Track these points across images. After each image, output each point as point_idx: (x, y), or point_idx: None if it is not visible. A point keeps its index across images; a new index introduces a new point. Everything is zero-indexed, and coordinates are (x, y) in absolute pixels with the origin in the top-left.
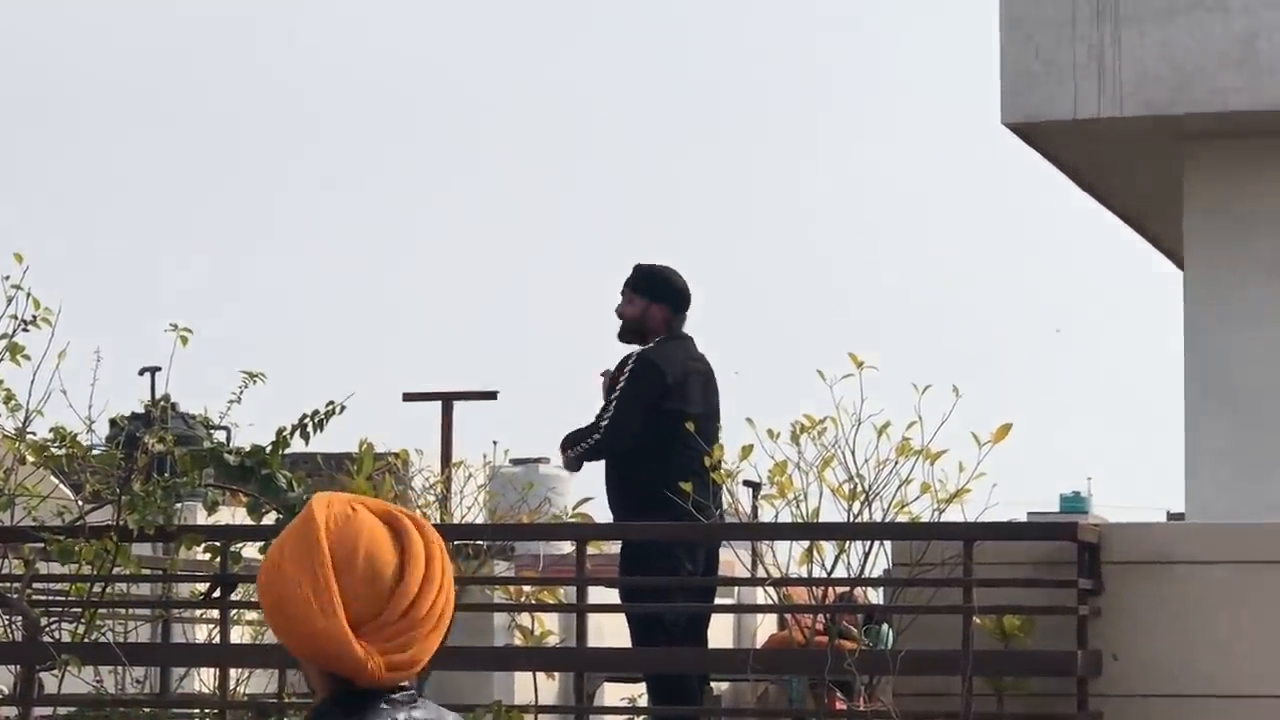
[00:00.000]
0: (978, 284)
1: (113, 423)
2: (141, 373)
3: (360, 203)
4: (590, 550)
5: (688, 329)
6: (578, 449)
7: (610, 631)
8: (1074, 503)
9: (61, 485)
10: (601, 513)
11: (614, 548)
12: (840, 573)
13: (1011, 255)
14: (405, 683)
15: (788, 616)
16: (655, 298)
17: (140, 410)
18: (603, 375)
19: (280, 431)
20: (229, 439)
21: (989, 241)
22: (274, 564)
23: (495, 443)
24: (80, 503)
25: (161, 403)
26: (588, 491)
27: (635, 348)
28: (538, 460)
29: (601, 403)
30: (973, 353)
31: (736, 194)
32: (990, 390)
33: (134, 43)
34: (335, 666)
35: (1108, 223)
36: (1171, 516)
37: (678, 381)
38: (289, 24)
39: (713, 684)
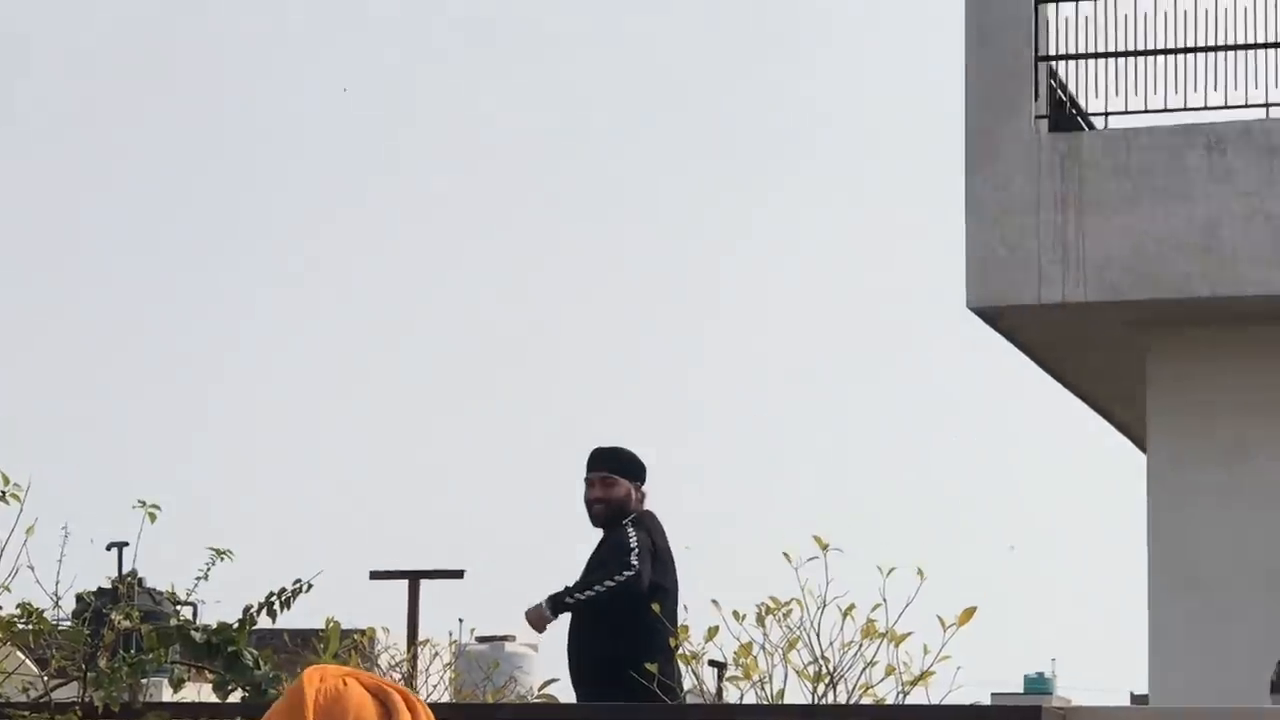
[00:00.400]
0: (943, 465)
1: (79, 598)
2: (109, 548)
3: (325, 382)
4: None
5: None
6: (592, 591)
7: None
8: (1038, 683)
9: (27, 661)
10: (566, 692)
11: None
12: None
13: (976, 437)
14: None
15: None
16: (634, 477)
17: (107, 585)
18: (528, 615)
19: (248, 609)
20: (195, 615)
21: (954, 423)
22: None
23: (461, 620)
24: (45, 678)
25: (129, 578)
26: (552, 671)
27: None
28: (504, 638)
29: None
30: (938, 535)
31: (700, 372)
32: (955, 572)
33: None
34: None
35: (1071, 405)
36: (1135, 698)
37: (663, 559)
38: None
39: None
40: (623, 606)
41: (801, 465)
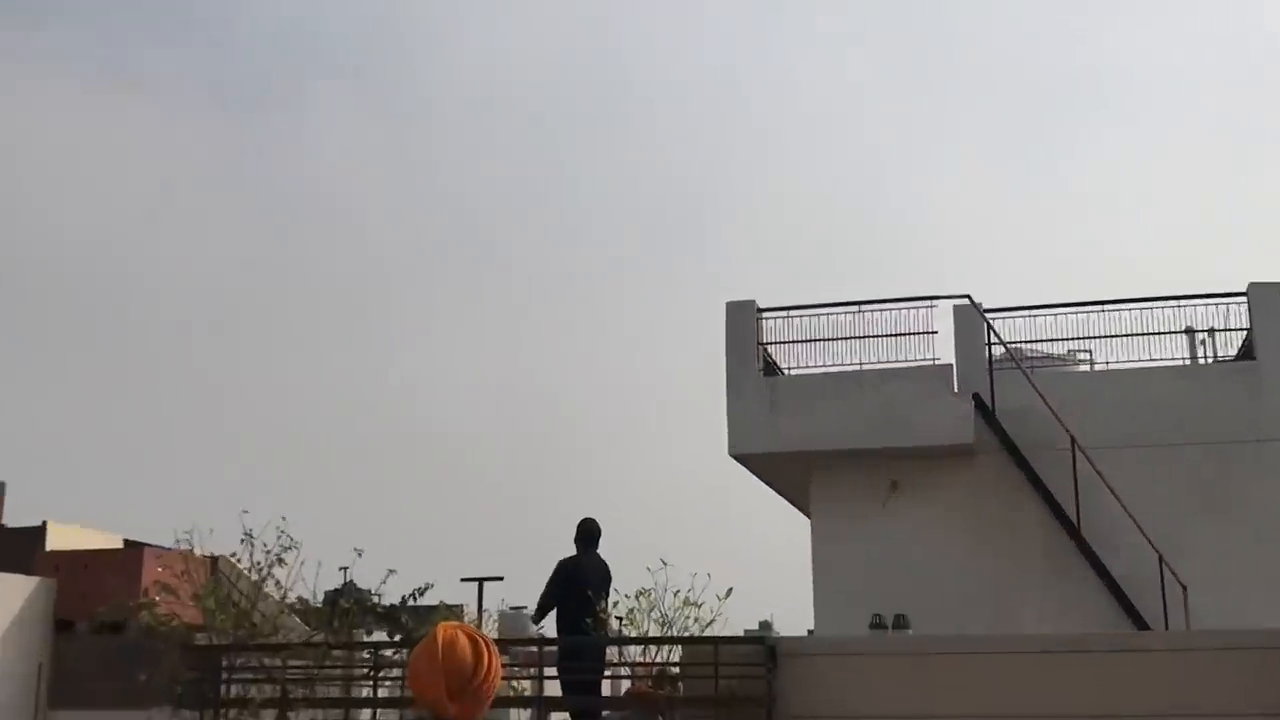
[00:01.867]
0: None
1: (325, 594)
2: (340, 569)
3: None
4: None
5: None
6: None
7: (554, 689)
8: (765, 627)
9: (300, 623)
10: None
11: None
12: (659, 659)
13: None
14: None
15: (636, 679)
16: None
17: (338, 587)
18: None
19: (403, 598)
20: (380, 600)
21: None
22: (416, 659)
23: (502, 599)
24: (309, 631)
25: (348, 584)
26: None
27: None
28: (521, 608)
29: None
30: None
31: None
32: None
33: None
34: (436, 713)
35: (777, 500)
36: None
37: (573, 575)
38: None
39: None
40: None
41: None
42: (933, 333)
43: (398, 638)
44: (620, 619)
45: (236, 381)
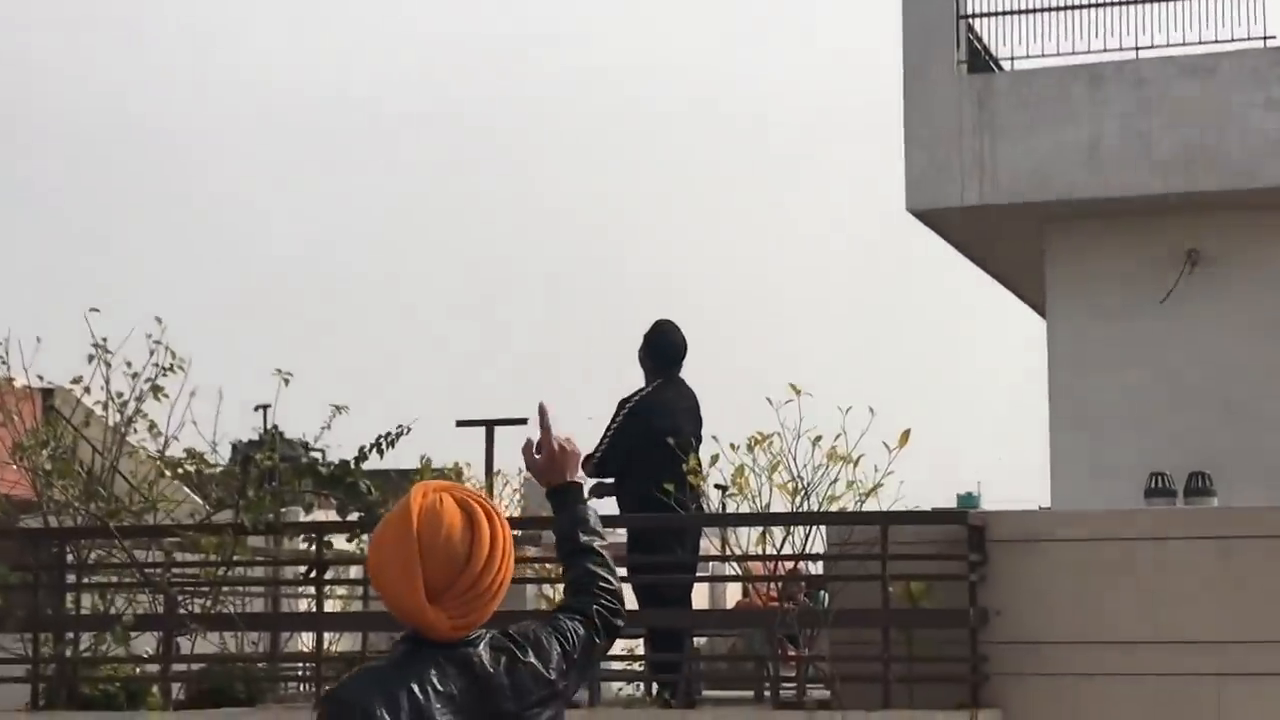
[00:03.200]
0: (890, 331)
1: (233, 447)
2: (255, 409)
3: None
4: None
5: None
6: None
7: None
8: (967, 500)
9: (192, 494)
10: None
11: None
12: (787, 551)
13: (916, 312)
14: (470, 633)
15: (749, 585)
16: (643, 361)
17: (254, 437)
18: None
19: (361, 449)
20: (323, 457)
21: (897, 302)
22: (378, 543)
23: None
24: (207, 507)
25: (271, 431)
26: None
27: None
28: None
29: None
30: (886, 382)
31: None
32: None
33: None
34: (414, 624)
35: (988, 285)
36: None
37: (666, 410)
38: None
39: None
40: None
41: (781, 328)
42: None
43: (354, 515)
44: (721, 486)
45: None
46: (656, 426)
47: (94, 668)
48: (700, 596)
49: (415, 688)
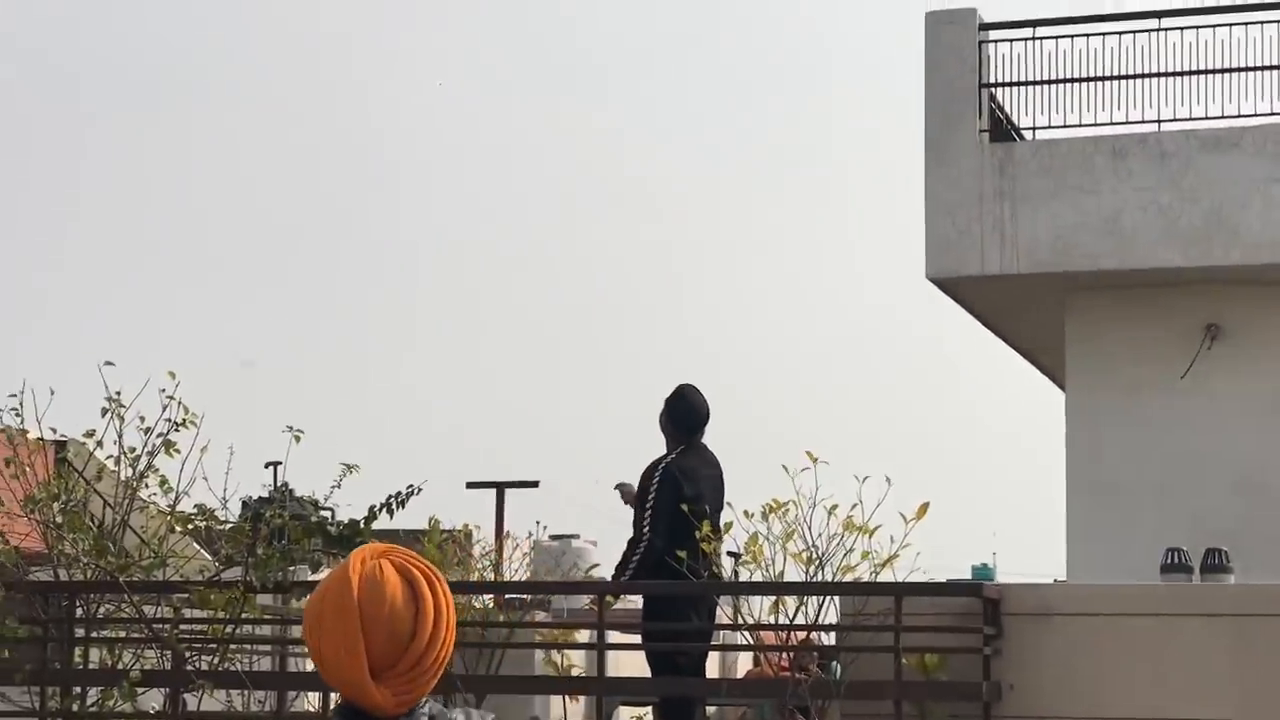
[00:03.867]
0: (908, 401)
1: (244, 503)
2: (266, 465)
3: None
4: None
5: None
6: (628, 573)
7: (624, 666)
8: (982, 572)
9: (202, 550)
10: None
11: (626, 603)
12: (800, 620)
13: (932, 382)
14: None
15: (760, 654)
16: (666, 425)
17: (264, 494)
18: (618, 488)
19: (371, 508)
20: (332, 516)
21: (915, 372)
22: (316, 617)
23: (538, 522)
24: (216, 563)
25: (281, 488)
26: (607, 562)
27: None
28: (570, 536)
29: (626, 508)
30: (903, 452)
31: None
32: (916, 484)
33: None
34: (357, 701)
35: (1007, 355)
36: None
37: (692, 478)
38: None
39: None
40: (649, 559)
41: (799, 394)
42: None
43: None
44: (734, 554)
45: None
46: (682, 494)
47: None
48: (710, 665)
49: None
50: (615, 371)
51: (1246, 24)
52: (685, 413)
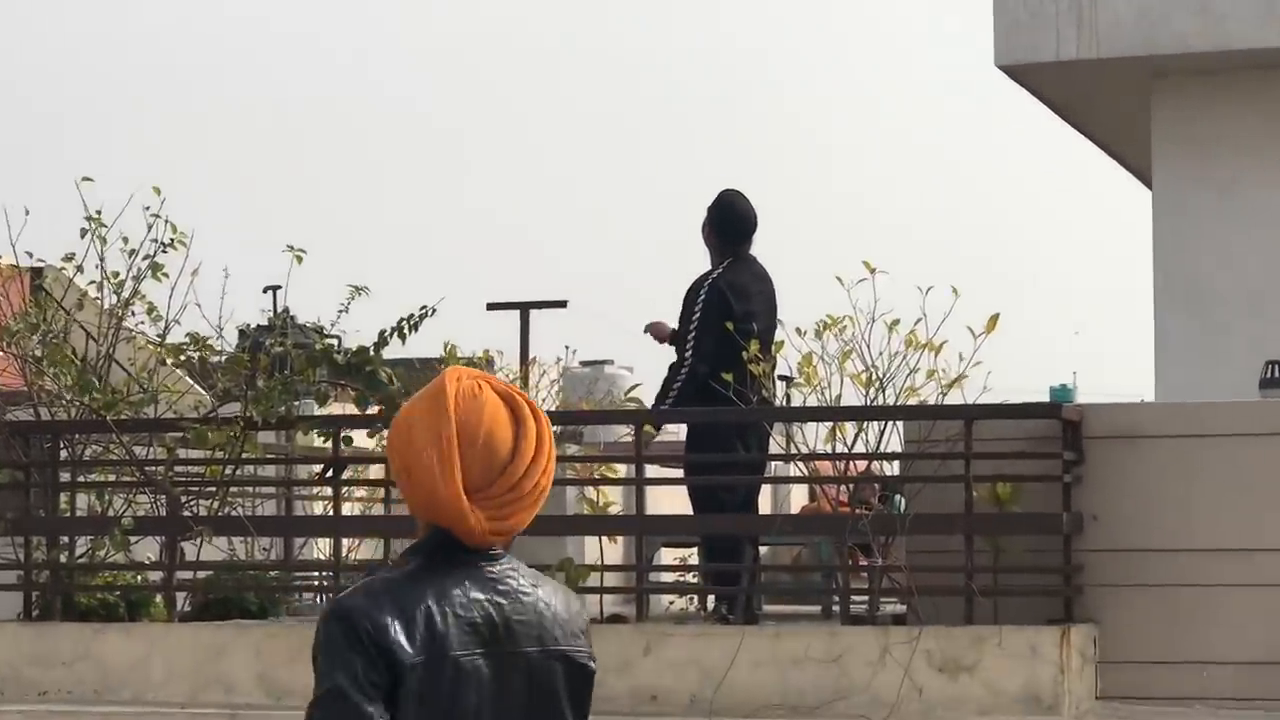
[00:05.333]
0: (973, 201)
1: (241, 332)
2: (265, 289)
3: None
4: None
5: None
6: (670, 399)
7: (665, 503)
8: (1061, 393)
9: (196, 384)
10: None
11: (668, 434)
12: (859, 449)
13: (1002, 181)
14: (498, 549)
15: (816, 487)
16: (711, 228)
17: (263, 321)
18: (649, 330)
19: (381, 333)
20: (339, 344)
21: (985, 166)
22: (405, 428)
23: (568, 347)
24: (213, 398)
25: (283, 315)
26: (644, 386)
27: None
28: (604, 362)
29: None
30: (971, 259)
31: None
32: (986, 293)
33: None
34: (449, 525)
35: (1086, 150)
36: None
37: (745, 293)
38: None
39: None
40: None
41: (852, 197)
42: None
43: (373, 409)
44: (786, 377)
45: None
46: (731, 313)
47: (91, 575)
48: (762, 501)
49: (433, 606)
50: (651, 177)
51: None
52: (732, 220)
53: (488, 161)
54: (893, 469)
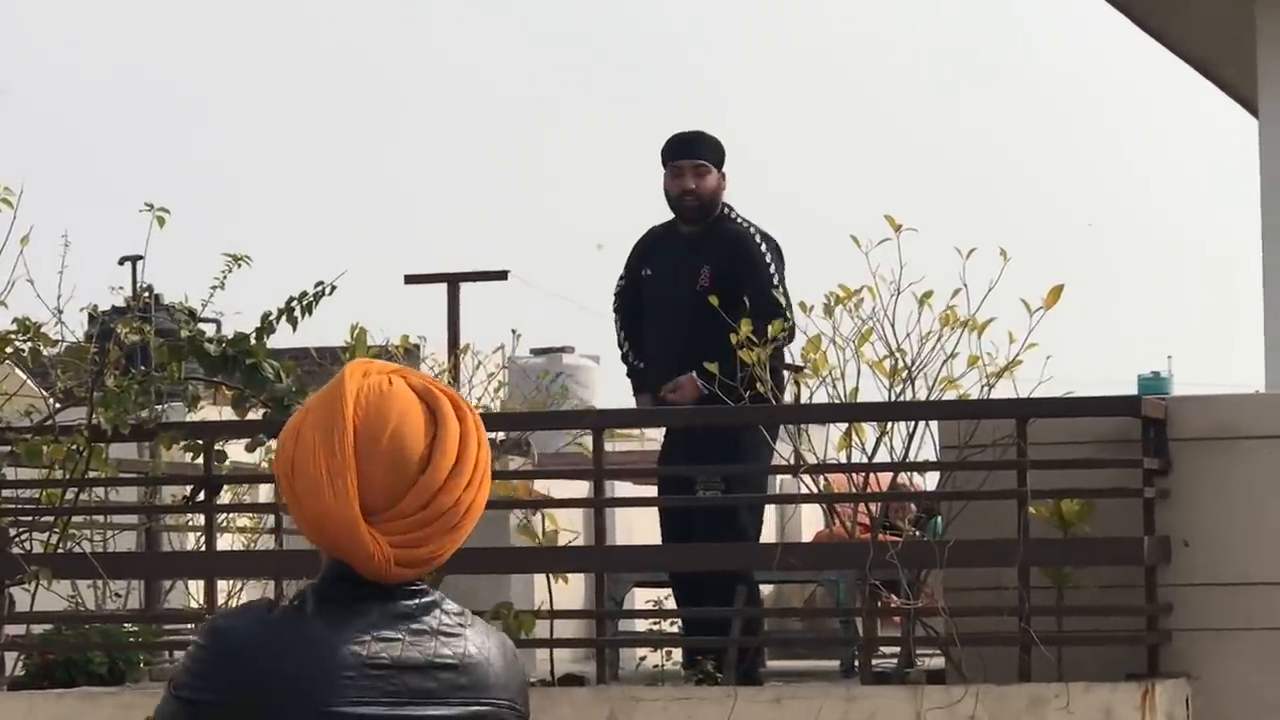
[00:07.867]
0: (1026, 138)
1: (91, 317)
2: (122, 262)
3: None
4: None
5: None
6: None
7: (641, 531)
8: (1152, 384)
9: (29, 382)
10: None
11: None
12: (882, 457)
13: (1064, 106)
14: (416, 582)
15: (831, 509)
16: (721, 165)
17: (118, 303)
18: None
19: (265, 317)
20: (218, 330)
21: (1038, 91)
22: (294, 430)
23: (514, 331)
24: (50, 401)
25: (142, 293)
26: (615, 384)
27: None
28: (561, 350)
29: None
30: (1021, 213)
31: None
32: (1045, 261)
33: None
34: (340, 553)
35: (1175, 68)
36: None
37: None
38: None
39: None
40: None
41: (871, 142)
42: None
43: (255, 412)
44: (792, 366)
45: None
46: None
47: None
48: (765, 532)
49: (344, 648)
50: (611, 120)
51: None
52: (719, 145)
53: (411, 115)
54: (927, 483)
